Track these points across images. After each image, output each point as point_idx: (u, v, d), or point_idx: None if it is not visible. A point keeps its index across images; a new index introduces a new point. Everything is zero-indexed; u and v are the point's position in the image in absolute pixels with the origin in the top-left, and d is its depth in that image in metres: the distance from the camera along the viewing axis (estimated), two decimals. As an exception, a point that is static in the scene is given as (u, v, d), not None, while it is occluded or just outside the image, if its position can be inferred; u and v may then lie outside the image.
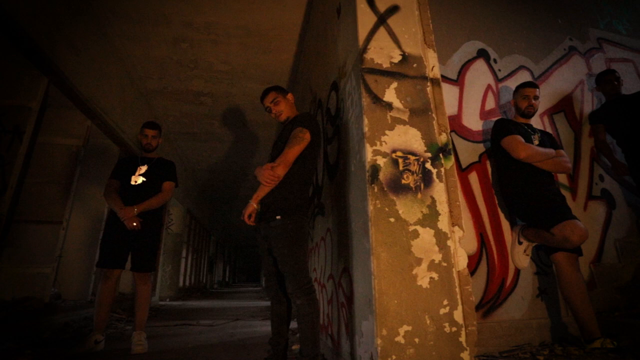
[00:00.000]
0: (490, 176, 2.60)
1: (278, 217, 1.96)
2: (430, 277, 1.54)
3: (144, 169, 2.93)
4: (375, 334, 1.45)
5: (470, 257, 2.32)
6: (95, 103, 3.90)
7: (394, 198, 1.64)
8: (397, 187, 1.67)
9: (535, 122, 2.82)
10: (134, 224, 2.66)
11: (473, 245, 2.37)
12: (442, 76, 2.80)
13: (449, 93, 2.76)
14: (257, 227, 2.11)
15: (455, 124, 2.67)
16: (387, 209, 1.61)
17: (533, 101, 2.51)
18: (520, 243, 2.37)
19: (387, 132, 1.81)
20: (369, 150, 1.75)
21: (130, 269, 2.78)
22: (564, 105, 3.13)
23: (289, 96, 2.41)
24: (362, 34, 2.08)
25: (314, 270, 3.15)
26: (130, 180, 2.87)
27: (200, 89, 5.36)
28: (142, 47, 4.34)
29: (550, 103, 3.08)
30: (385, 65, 2.03)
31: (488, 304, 2.31)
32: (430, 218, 1.64)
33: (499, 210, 2.52)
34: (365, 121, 1.83)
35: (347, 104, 2.25)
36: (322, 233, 2.84)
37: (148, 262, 2.81)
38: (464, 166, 2.55)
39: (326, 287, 2.62)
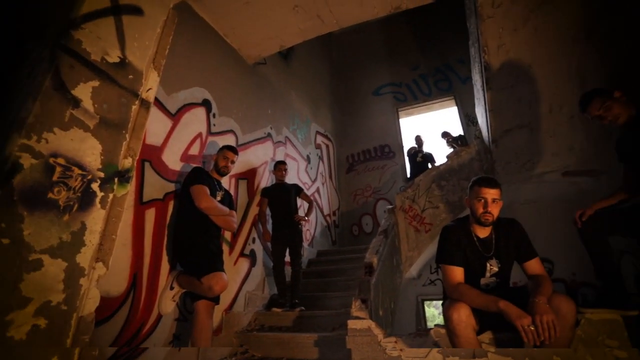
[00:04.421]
0: (168, 217, 2.60)
1: None
2: (34, 325, 1.19)
3: None
4: None
5: (113, 299, 2.08)
6: None
7: (25, 213, 1.24)
8: (36, 200, 1.28)
9: (226, 180, 3.21)
10: None
11: (122, 285, 2.15)
12: (162, 105, 2.71)
13: (161, 123, 2.67)
14: None
15: (154, 156, 2.56)
16: (4, 225, 1.17)
17: (230, 164, 2.84)
18: (172, 288, 2.41)
19: (57, 129, 1.43)
20: (16, 141, 1.29)
21: None
22: (249, 175, 3.82)
23: None
24: (85, 8, 1.70)
25: None
26: None
27: None
28: None
29: (241, 169, 3.66)
30: (95, 57, 1.71)
31: (122, 357, 2.06)
32: (69, 247, 1.34)
33: (164, 251, 2.50)
34: (35, 105, 1.38)
35: (33, 70, 1.65)
36: None
37: None
38: (145, 200, 2.41)
39: None
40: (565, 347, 1.50)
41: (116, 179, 1.59)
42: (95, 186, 1.49)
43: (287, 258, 3.65)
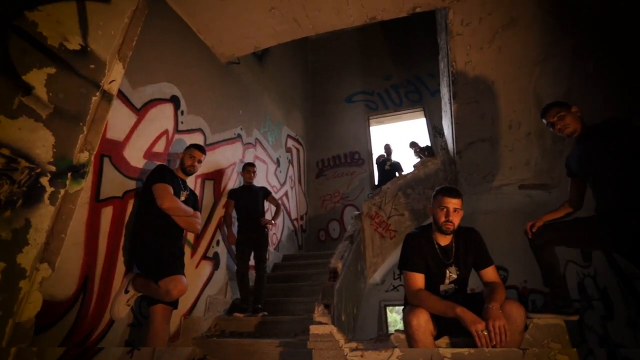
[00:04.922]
0: (127, 216, 2.46)
1: None
2: (-38, 330, 1.08)
3: None
4: None
5: (59, 303, 1.92)
6: None
7: (-41, 207, 1.12)
8: (-27, 193, 1.17)
9: (191, 180, 3.09)
10: None
11: (70, 288, 2.00)
12: (126, 99, 2.58)
13: (125, 118, 2.54)
14: None
15: (115, 151, 2.43)
16: None
17: (196, 163, 2.74)
18: (126, 292, 2.28)
19: (2, 117, 1.32)
20: (-49, 128, 1.17)
21: None
22: (216, 176, 3.72)
23: None
24: (45, -13, 1.59)
25: None
26: None
27: None
28: None
29: (208, 170, 3.55)
30: (52, 42, 1.61)
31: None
32: (8, 246, 1.23)
33: (120, 253, 2.36)
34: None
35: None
36: None
37: None
38: (102, 197, 2.27)
39: None
40: (515, 351, 1.58)
41: (69, 174, 1.49)
42: (44, 180, 1.39)
43: (252, 262, 3.57)
